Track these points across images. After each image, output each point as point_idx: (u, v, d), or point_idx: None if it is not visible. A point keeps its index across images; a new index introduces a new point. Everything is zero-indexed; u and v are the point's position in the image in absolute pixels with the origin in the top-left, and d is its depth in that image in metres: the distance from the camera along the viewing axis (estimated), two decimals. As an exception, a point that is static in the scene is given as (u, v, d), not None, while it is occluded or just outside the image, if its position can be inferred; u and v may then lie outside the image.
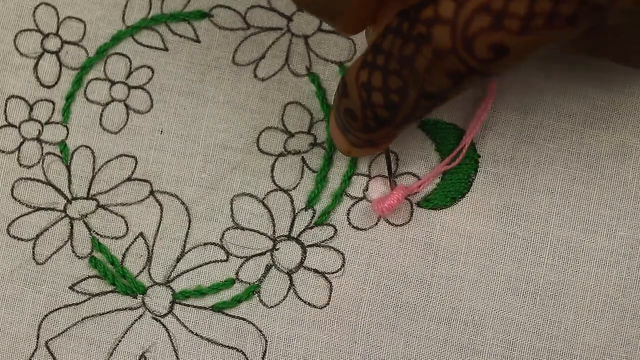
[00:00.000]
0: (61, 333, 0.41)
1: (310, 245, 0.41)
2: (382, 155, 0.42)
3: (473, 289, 0.41)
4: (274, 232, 0.42)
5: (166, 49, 0.43)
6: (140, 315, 0.41)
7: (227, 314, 0.41)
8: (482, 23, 0.28)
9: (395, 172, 0.42)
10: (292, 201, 0.42)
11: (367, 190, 0.42)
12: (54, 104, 0.43)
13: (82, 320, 0.41)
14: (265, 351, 0.41)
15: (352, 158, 0.42)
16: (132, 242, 0.42)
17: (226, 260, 0.41)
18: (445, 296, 0.41)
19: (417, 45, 0.29)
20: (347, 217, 0.42)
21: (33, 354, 0.41)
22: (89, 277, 0.42)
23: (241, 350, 0.41)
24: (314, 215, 0.42)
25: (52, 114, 0.43)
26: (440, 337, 0.40)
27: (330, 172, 0.42)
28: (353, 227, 0.41)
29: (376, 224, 0.41)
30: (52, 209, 0.42)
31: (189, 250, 0.42)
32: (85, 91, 0.43)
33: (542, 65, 0.41)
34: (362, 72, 0.32)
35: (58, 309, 0.41)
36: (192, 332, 0.41)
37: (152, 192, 0.42)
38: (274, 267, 0.41)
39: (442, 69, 0.29)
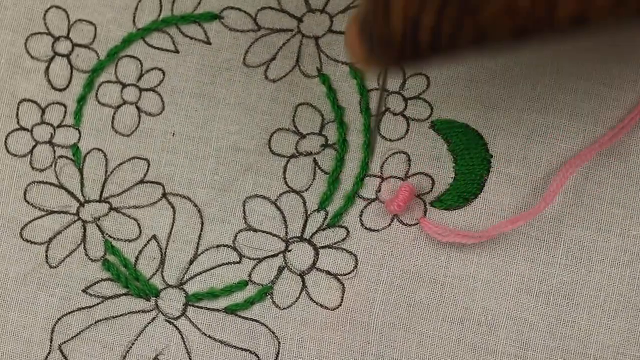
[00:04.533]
0: (74, 336, 0.42)
1: (322, 247, 0.42)
2: (393, 156, 0.43)
3: (486, 289, 0.41)
4: (287, 233, 0.42)
5: (177, 51, 0.44)
6: (154, 318, 0.42)
7: (240, 316, 0.42)
8: None
9: (408, 172, 0.43)
10: (304, 203, 0.43)
11: (379, 191, 0.43)
12: (65, 107, 0.44)
13: (95, 323, 0.42)
14: (278, 353, 0.41)
15: (364, 160, 0.43)
16: (145, 245, 0.43)
17: (239, 262, 0.42)
18: (458, 296, 0.41)
19: None
20: (360, 219, 0.42)
21: (46, 357, 0.42)
22: (102, 280, 0.42)
23: (254, 352, 0.41)
24: (326, 217, 0.42)
25: (64, 117, 0.44)
26: (453, 337, 0.41)
27: (343, 173, 0.43)
28: (365, 228, 0.42)
29: (389, 224, 0.42)
30: (65, 212, 0.43)
31: (201, 253, 0.42)
32: (96, 94, 0.44)
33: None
34: (411, 4, 0.30)
35: (71, 312, 0.42)
36: (205, 334, 0.42)
37: (164, 195, 0.43)
38: (286, 268, 0.42)
39: (509, 25, 0.29)
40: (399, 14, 0.30)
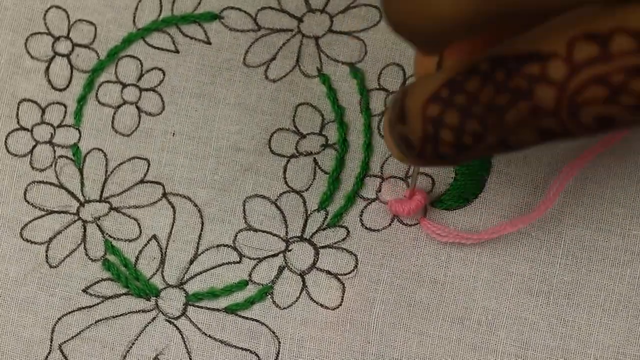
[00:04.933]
0: (75, 336, 0.42)
1: (322, 247, 0.42)
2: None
3: (486, 289, 0.41)
4: (287, 233, 0.42)
5: (177, 51, 0.44)
6: (154, 318, 0.42)
7: (240, 316, 0.42)
8: (596, 94, 0.26)
9: (408, 172, 0.43)
10: (304, 202, 0.43)
11: (380, 191, 0.43)
12: (65, 107, 0.44)
13: (95, 323, 0.42)
14: (278, 352, 0.42)
15: (364, 160, 0.43)
16: (145, 245, 0.43)
17: (239, 262, 0.42)
18: (458, 296, 0.41)
19: (513, 99, 0.27)
20: (360, 219, 0.42)
21: (47, 357, 0.42)
22: (102, 279, 0.43)
23: (254, 352, 0.42)
24: (326, 217, 0.42)
25: (64, 117, 0.44)
26: (453, 337, 0.41)
27: (343, 173, 0.43)
28: (366, 228, 0.42)
29: (389, 224, 0.42)
30: (65, 212, 0.43)
31: (201, 252, 0.43)
32: (96, 94, 0.44)
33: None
34: (432, 105, 0.29)
35: (71, 312, 0.42)
36: (206, 334, 0.42)
37: (164, 195, 0.43)
38: (286, 268, 0.42)
39: (535, 127, 0.28)
40: (418, 115, 0.30)
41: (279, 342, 0.42)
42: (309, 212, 0.43)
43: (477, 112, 0.28)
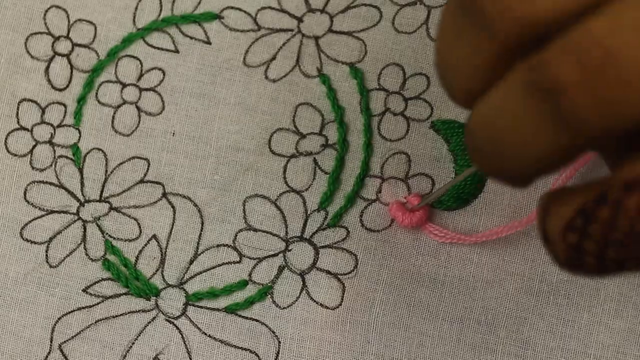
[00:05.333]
0: (74, 336, 0.42)
1: (322, 247, 0.42)
2: (394, 156, 0.43)
3: (486, 289, 0.42)
4: (287, 233, 0.43)
5: (177, 51, 0.45)
6: (154, 318, 0.42)
7: (240, 316, 0.42)
8: None
9: (408, 173, 0.43)
10: (304, 202, 0.43)
11: (380, 192, 0.43)
12: (65, 106, 0.44)
13: (95, 322, 0.42)
14: (278, 352, 0.42)
15: (364, 160, 0.43)
16: (145, 245, 0.43)
17: (239, 262, 0.43)
18: (458, 296, 0.42)
19: None
20: (360, 219, 0.43)
21: (46, 356, 0.42)
22: (102, 279, 0.43)
23: (254, 352, 0.42)
24: (326, 217, 0.43)
25: (64, 116, 0.44)
26: (453, 337, 0.41)
27: (343, 173, 0.43)
28: (366, 228, 0.42)
29: (389, 225, 0.42)
30: (65, 212, 0.43)
31: (201, 252, 0.43)
32: (96, 94, 0.44)
33: None
34: (570, 234, 0.28)
35: (71, 311, 0.42)
36: (205, 334, 0.42)
37: (164, 194, 0.43)
38: (286, 268, 0.42)
39: None
40: (559, 242, 0.28)
41: (279, 342, 0.42)
42: (309, 212, 0.43)
43: (615, 240, 0.27)
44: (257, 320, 0.42)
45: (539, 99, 0.26)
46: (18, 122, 0.44)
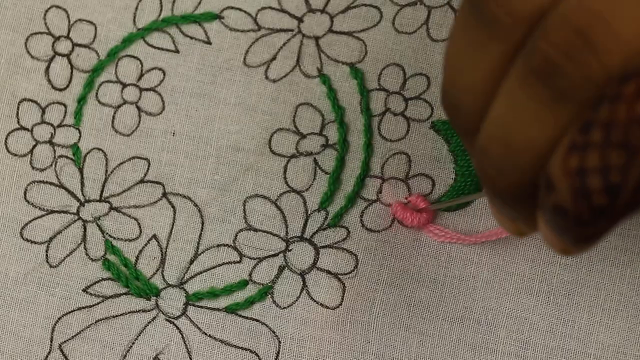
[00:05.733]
0: (75, 336, 0.43)
1: (323, 247, 0.43)
2: (394, 156, 0.43)
3: (486, 289, 0.42)
4: (287, 233, 0.43)
5: (177, 51, 0.45)
6: (154, 317, 0.43)
7: (240, 315, 0.42)
8: None
9: (408, 174, 0.43)
10: (304, 203, 0.43)
11: (380, 192, 0.43)
12: (65, 106, 0.45)
13: (95, 322, 0.43)
14: (278, 352, 0.42)
15: (365, 160, 0.43)
16: (145, 244, 0.43)
17: (239, 262, 0.43)
18: (458, 296, 0.42)
19: None
20: (361, 219, 0.43)
21: (47, 356, 0.42)
22: (103, 279, 0.43)
23: (254, 352, 0.42)
24: (326, 217, 0.43)
25: (64, 116, 0.45)
26: (453, 337, 0.42)
27: (343, 173, 0.43)
28: (366, 229, 0.43)
29: (390, 226, 0.43)
30: (65, 212, 0.44)
31: (202, 252, 0.43)
32: (97, 94, 0.45)
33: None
34: (572, 157, 0.27)
35: (71, 311, 0.43)
36: (206, 334, 0.42)
37: (164, 194, 0.44)
38: (286, 268, 0.43)
39: None
40: (562, 176, 0.27)
41: (279, 342, 0.42)
42: (309, 212, 0.43)
43: (617, 139, 0.26)
44: (257, 320, 0.42)
45: (541, 85, 0.26)
46: (18, 122, 0.44)
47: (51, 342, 0.43)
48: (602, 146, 0.26)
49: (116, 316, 0.43)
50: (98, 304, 0.43)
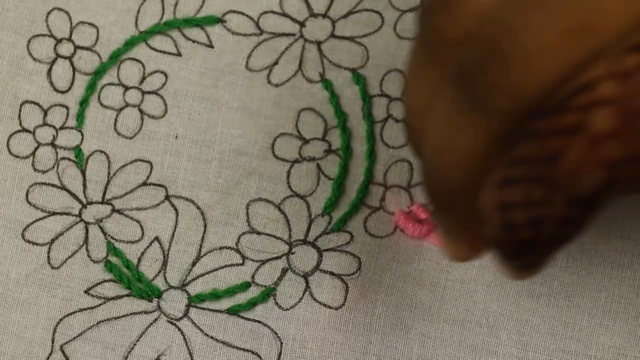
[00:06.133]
0: (76, 337, 0.43)
1: (326, 250, 0.43)
2: (396, 164, 0.44)
3: (487, 291, 0.42)
4: (290, 236, 0.43)
5: (179, 54, 0.45)
6: (156, 319, 0.43)
7: (242, 317, 0.43)
8: None
9: (410, 182, 0.44)
10: (308, 207, 0.44)
11: (383, 200, 0.44)
12: (68, 109, 0.45)
13: (97, 324, 0.43)
14: (280, 353, 0.42)
15: (368, 167, 0.44)
16: (148, 246, 0.44)
17: (242, 264, 0.43)
18: (459, 298, 0.42)
19: (567, 138, 0.26)
20: (364, 225, 0.43)
21: (48, 357, 0.43)
22: (104, 281, 0.43)
23: (256, 353, 0.42)
24: (330, 222, 0.43)
25: (66, 119, 0.45)
26: (454, 338, 0.42)
27: (347, 179, 0.44)
28: (370, 234, 0.43)
29: (393, 232, 0.43)
30: (67, 214, 0.44)
31: (204, 254, 0.43)
32: (99, 96, 0.45)
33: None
34: (497, 192, 0.28)
35: (73, 312, 0.43)
36: (208, 335, 0.43)
37: (167, 197, 0.44)
38: (289, 270, 0.43)
39: (598, 160, 0.25)
40: (491, 210, 0.28)
41: (281, 343, 0.42)
42: (312, 217, 0.43)
43: (536, 174, 0.26)
44: (259, 322, 0.43)
45: (461, 93, 0.27)
46: (20, 124, 0.45)
47: (53, 343, 0.43)
48: (524, 181, 0.27)
49: (118, 318, 0.43)
50: (100, 305, 0.43)
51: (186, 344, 0.43)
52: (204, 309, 0.43)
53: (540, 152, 0.26)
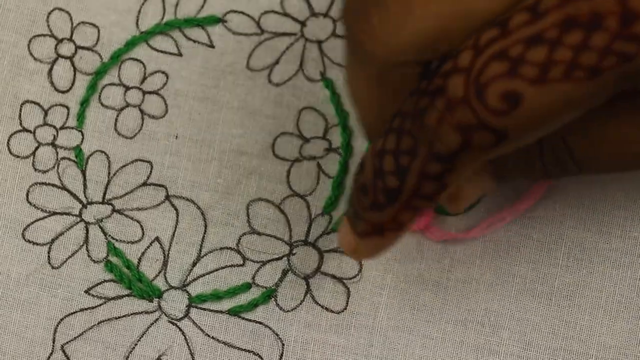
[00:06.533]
0: (77, 337, 0.43)
1: (327, 251, 0.43)
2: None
3: (489, 291, 0.43)
4: (291, 237, 0.44)
5: (180, 54, 0.46)
6: (157, 319, 0.43)
7: (243, 318, 0.43)
8: (497, 70, 0.28)
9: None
10: (308, 207, 0.44)
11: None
12: (68, 109, 0.45)
13: (98, 324, 0.43)
14: (282, 354, 0.43)
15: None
16: (148, 247, 0.44)
17: (242, 265, 0.43)
18: (461, 298, 0.43)
19: (431, 98, 0.29)
20: (364, 225, 0.43)
21: (49, 357, 0.43)
22: (105, 281, 0.44)
23: (258, 354, 0.43)
24: (330, 221, 0.44)
25: (66, 119, 0.45)
26: (456, 339, 0.42)
27: (347, 178, 0.44)
28: (370, 234, 0.43)
29: (392, 231, 0.43)
30: (68, 214, 0.44)
31: (205, 255, 0.44)
32: (99, 96, 0.45)
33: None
34: (378, 141, 0.32)
35: (74, 312, 0.43)
36: (209, 336, 0.43)
37: (167, 197, 0.44)
38: (290, 271, 0.43)
39: (452, 122, 0.29)
40: (370, 157, 0.32)
41: (283, 344, 0.43)
42: (312, 216, 0.44)
43: (407, 127, 0.30)
44: (260, 323, 0.43)
45: (350, 53, 0.33)
46: (21, 124, 0.45)
47: (53, 343, 0.43)
48: (398, 131, 0.30)
49: (119, 317, 0.43)
50: (100, 305, 0.43)
51: (187, 344, 0.43)
52: (205, 309, 0.43)
53: (415, 107, 0.30)
